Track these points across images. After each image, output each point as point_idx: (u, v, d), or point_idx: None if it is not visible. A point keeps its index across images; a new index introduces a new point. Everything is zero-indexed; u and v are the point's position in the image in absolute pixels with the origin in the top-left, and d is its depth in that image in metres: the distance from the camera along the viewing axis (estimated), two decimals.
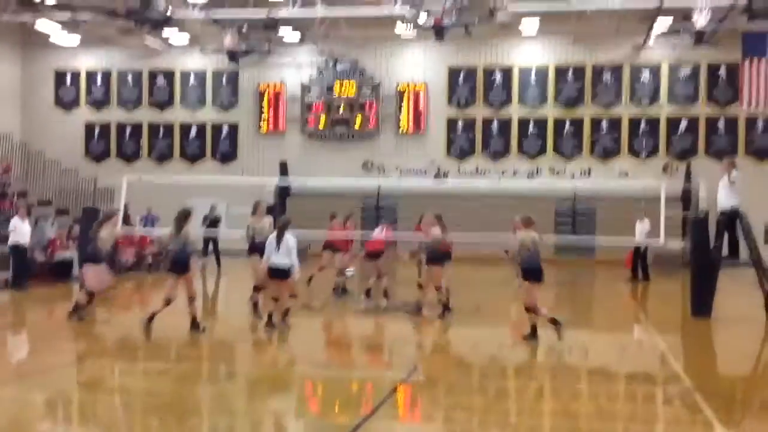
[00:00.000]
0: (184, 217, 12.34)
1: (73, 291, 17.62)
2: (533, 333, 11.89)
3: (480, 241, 15.99)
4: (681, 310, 16.31)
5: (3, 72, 31.05)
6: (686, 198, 26.79)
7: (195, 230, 14.21)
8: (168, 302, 12.10)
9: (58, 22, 27.33)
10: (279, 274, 12.36)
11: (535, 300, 11.88)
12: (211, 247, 23.68)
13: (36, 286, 18.49)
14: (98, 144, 32.16)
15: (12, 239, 18.25)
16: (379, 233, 16.07)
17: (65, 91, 32.32)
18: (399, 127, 30.25)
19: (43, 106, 32.14)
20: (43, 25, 27.53)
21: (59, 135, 31.70)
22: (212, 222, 23.11)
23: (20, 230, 18.26)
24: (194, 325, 12.16)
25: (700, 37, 24.84)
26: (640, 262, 21.80)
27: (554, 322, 11.82)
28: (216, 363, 10.90)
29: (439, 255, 14.17)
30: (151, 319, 12.11)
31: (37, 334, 12.99)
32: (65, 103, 32.36)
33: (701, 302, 14.53)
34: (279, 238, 12.29)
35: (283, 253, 12.24)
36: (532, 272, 11.86)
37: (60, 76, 32.26)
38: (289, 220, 12.89)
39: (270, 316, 12.56)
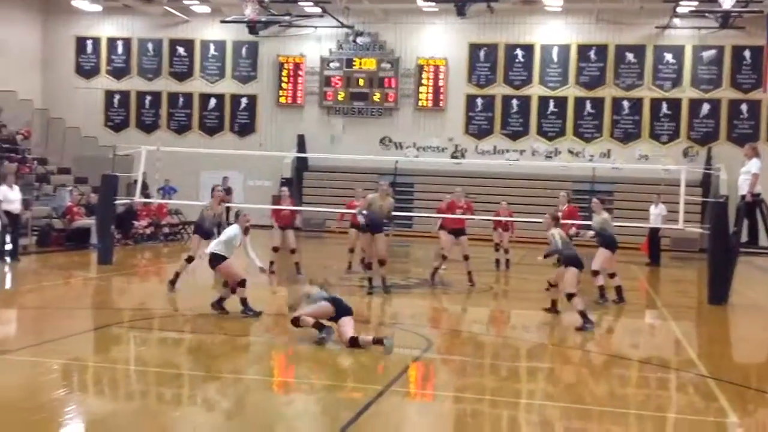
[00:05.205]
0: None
1: (91, 258, 17.75)
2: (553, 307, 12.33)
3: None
4: (697, 296, 16.23)
5: (24, 38, 31.11)
6: (706, 183, 26.56)
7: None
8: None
9: None
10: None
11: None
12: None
13: (55, 253, 18.65)
14: (118, 113, 32.28)
15: (3, 208, 17.05)
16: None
17: (86, 58, 32.40)
18: (418, 102, 30.10)
19: (64, 74, 32.25)
20: None
21: (79, 103, 31.82)
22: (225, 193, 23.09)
23: (8, 198, 17.17)
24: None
25: (725, 20, 24.49)
26: (652, 247, 21.74)
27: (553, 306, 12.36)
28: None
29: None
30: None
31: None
32: (86, 71, 32.44)
33: (718, 289, 14.41)
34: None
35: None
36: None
37: (81, 43, 32.34)
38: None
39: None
